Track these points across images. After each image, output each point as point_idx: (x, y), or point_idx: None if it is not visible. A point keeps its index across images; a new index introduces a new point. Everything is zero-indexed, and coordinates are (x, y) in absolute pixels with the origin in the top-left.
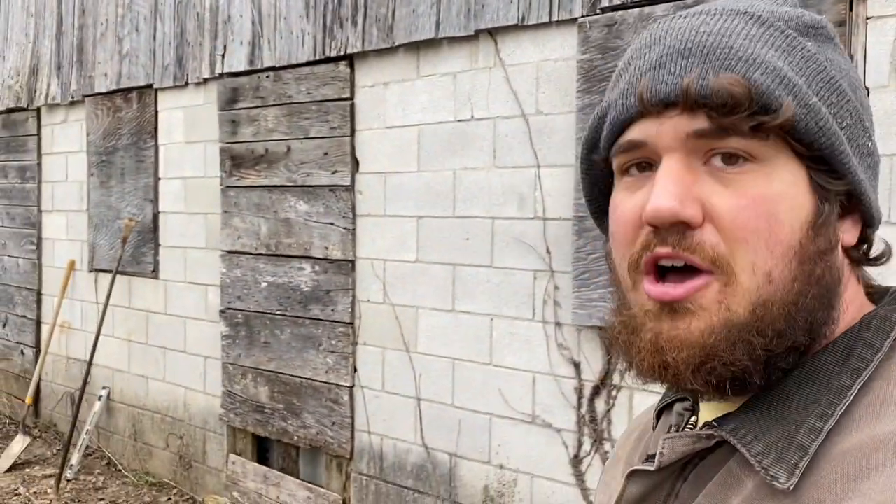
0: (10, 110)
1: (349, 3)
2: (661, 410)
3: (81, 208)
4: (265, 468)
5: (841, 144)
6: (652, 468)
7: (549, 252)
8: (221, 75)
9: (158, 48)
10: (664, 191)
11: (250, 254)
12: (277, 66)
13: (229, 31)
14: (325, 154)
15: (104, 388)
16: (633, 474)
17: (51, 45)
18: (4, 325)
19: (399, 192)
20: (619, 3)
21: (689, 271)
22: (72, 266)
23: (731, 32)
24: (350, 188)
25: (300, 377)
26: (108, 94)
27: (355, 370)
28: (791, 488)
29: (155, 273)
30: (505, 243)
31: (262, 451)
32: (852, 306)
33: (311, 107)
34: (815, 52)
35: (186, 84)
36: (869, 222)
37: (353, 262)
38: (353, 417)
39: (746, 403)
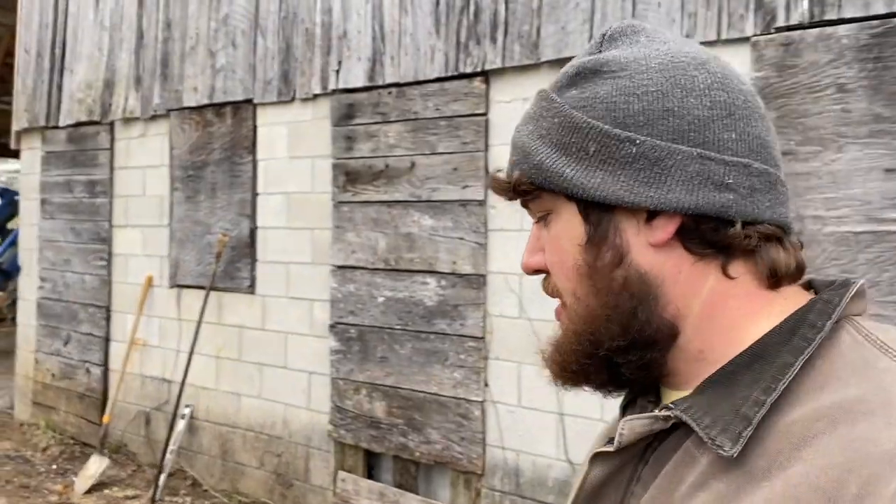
0: (79, 124)
1: (487, 20)
2: (627, 406)
3: (162, 223)
4: (381, 485)
5: (565, 181)
6: (612, 449)
7: None
8: (334, 91)
9: (259, 63)
10: (525, 251)
11: (366, 268)
12: (401, 82)
13: (345, 47)
14: (455, 169)
15: (187, 406)
16: (595, 457)
17: (129, 58)
18: (66, 343)
19: None
20: (795, 23)
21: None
22: (149, 282)
23: (519, 128)
24: (482, 203)
25: (423, 392)
26: (198, 108)
27: (486, 385)
28: (734, 455)
29: (251, 288)
30: None
31: (369, 468)
32: (732, 299)
33: (440, 122)
34: (564, 103)
35: (292, 99)
36: (683, 213)
37: (484, 276)
38: (484, 433)
39: (700, 387)
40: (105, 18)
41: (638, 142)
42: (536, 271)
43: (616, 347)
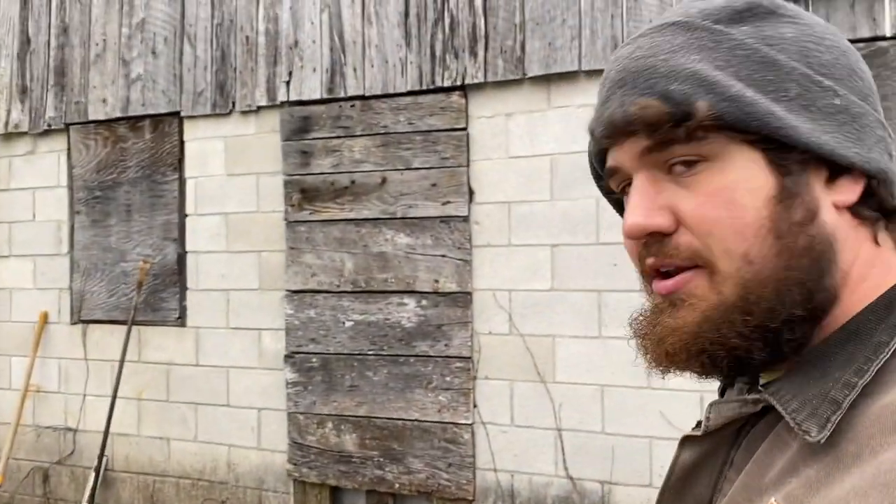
0: None
1: (465, 33)
2: (724, 390)
3: (59, 251)
4: None
5: (777, 120)
6: (699, 433)
7: None
8: (283, 103)
9: (187, 73)
10: (632, 209)
11: (330, 292)
12: (367, 94)
13: (296, 57)
14: (434, 185)
15: (101, 456)
16: (684, 441)
17: (10, 65)
18: None
19: (528, 221)
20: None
21: (677, 273)
22: (44, 318)
23: (655, 51)
24: (466, 219)
25: (403, 419)
26: (106, 122)
27: (475, 406)
28: (822, 441)
29: (181, 320)
30: None
31: None
32: (875, 269)
33: (415, 137)
34: (745, 37)
35: (230, 112)
36: (873, 175)
37: (469, 293)
38: (474, 456)
39: (793, 366)
40: None
41: (840, 93)
42: (651, 234)
43: (796, 317)
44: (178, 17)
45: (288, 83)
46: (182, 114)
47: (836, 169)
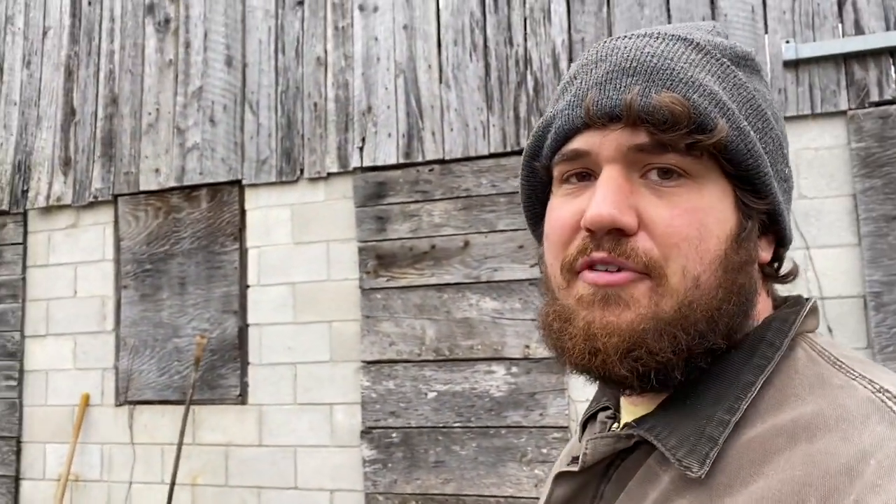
0: None
1: (550, 95)
2: (586, 422)
3: (103, 328)
4: None
5: (765, 167)
6: (576, 469)
7: (830, 330)
8: (356, 169)
9: (250, 140)
10: (604, 198)
11: (410, 361)
12: (447, 158)
13: (369, 123)
14: (520, 247)
15: None
16: (559, 477)
17: (52, 137)
18: None
19: None
20: (889, 98)
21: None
22: (86, 401)
23: (672, 55)
24: None
25: (495, 496)
26: (158, 192)
27: None
28: (703, 476)
29: (241, 397)
30: None
31: None
32: (761, 317)
33: (499, 199)
34: (745, 80)
35: (297, 180)
36: (782, 242)
37: None
38: None
39: (662, 404)
40: (13, 93)
41: (789, 165)
42: (618, 231)
43: (715, 346)
44: (239, 85)
45: (361, 149)
46: (244, 182)
47: (763, 227)
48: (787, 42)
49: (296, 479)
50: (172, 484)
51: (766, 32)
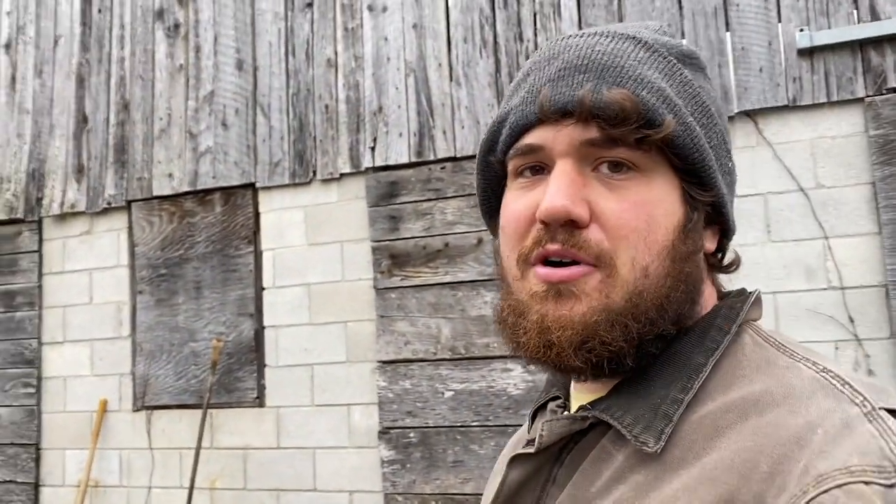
0: None
1: None
2: (535, 413)
3: (119, 335)
4: None
5: (710, 160)
6: (532, 450)
7: (851, 321)
8: (368, 169)
9: (262, 143)
10: (558, 191)
11: (426, 360)
12: (458, 156)
13: (381, 123)
14: None
15: None
16: (514, 459)
17: (65, 145)
18: None
19: None
20: None
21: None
22: (104, 407)
23: (621, 53)
24: None
25: None
26: (172, 197)
27: None
28: (659, 451)
29: (259, 400)
30: (793, 317)
31: None
32: (707, 305)
33: None
34: (691, 77)
35: (310, 181)
36: (726, 233)
37: None
38: None
39: (615, 388)
40: (26, 102)
41: (732, 159)
42: (570, 221)
43: (665, 333)
44: (250, 89)
45: (373, 149)
46: (257, 185)
47: (709, 219)
48: (802, 30)
49: (315, 481)
50: (191, 488)
51: (780, 21)
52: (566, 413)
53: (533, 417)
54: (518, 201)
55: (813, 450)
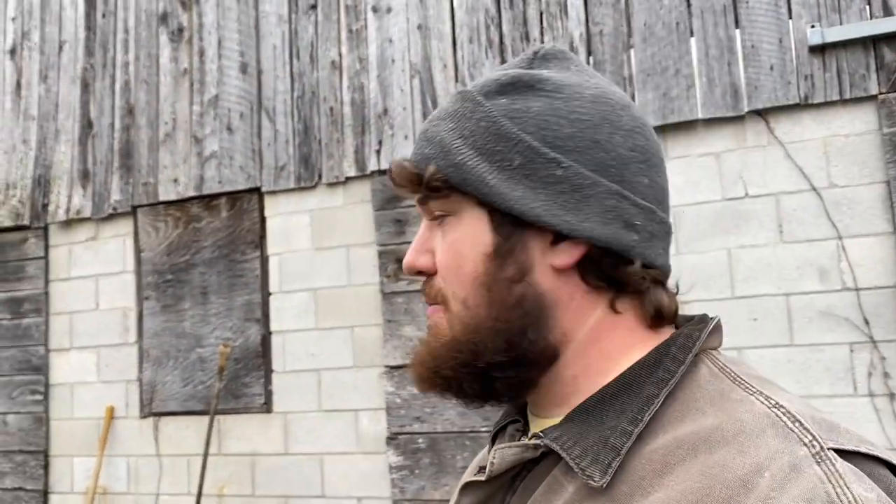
0: None
1: None
2: (496, 436)
3: (126, 341)
4: None
5: (486, 187)
6: (483, 478)
7: (867, 322)
8: (374, 173)
9: (267, 147)
10: (410, 249)
11: None
12: None
13: (386, 126)
14: None
15: None
16: (466, 487)
17: (70, 150)
18: None
19: None
20: None
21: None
22: (111, 413)
23: (438, 115)
24: None
25: None
26: (177, 202)
27: None
28: (605, 486)
29: (266, 406)
30: (807, 319)
31: None
32: (614, 332)
33: None
34: (494, 109)
35: (315, 185)
36: (593, 242)
37: None
38: None
39: (569, 415)
40: (31, 108)
41: (564, 165)
42: (420, 273)
43: (496, 362)
44: (255, 92)
45: (378, 152)
46: (263, 189)
47: (559, 235)
48: (813, 26)
49: (323, 488)
50: (199, 495)
51: (790, 17)
52: (519, 441)
53: (493, 440)
54: None
55: (759, 495)
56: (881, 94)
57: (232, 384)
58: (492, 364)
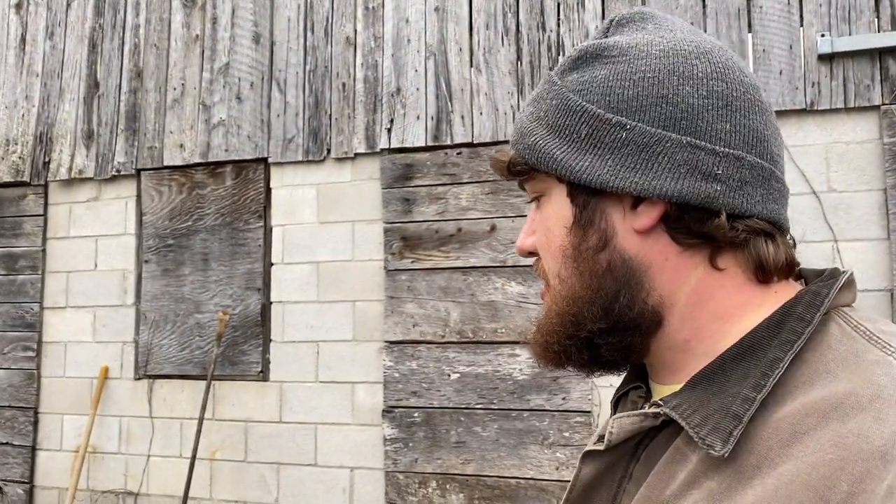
0: None
1: None
2: (618, 400)
3: (123, 302)
4: None
5: (555, 162)
6: (602, 447)
7: None
8: (384, 150)
9: (276, 118)
10: (520, 232)
11: (433, 343)
12: (475, 142)
13: (398, 104)
14: None
15: None
16: (586, 456)
17: (74, 109)
18: None
19: None
20: None
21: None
22: (105, 374)
23: (523, 109)
24: None
25: (516, 478)
26: (182, 168)
27: None
28: (725, 455)
29: (263, 374)
30: None
31: None
32: (724, 290)
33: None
34: (564, 86)
35: (324, 159)
36: (668, 200)
37: None
38: None
39: (690, 382)
40: (35, 64)
41: (628, 127)
42: (531, 254)
43: (597, 329)
44: (266, 63)
45: (389, 130)
46: (270, 160)
47: (637, 198)
48: (823, 35)
49: (316, 457)
50: (193, 458)
51: (802, 25)
52: (640, 408)
53: (616, 406)
54: None
55: None
56: (884, 104)
57: (229, 351)
58: (593, 332)
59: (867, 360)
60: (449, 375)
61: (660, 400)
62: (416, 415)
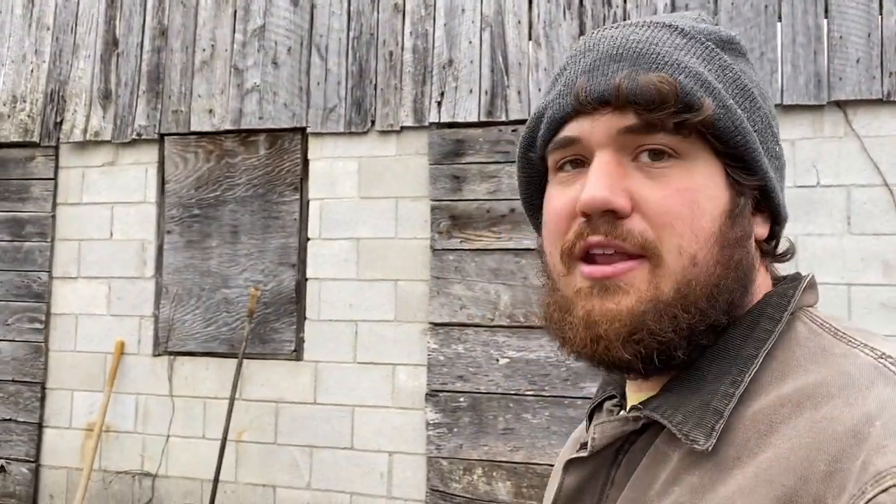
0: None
1: None
2: (592, 413)
3: (142, 274)
4: None
5: (754, 143)
6: (585, 454)
7: None
8: (432, 125)
9: (316, 86)
10: (598, 182)
11: (482, 326)
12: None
13: (450, 77)
14: None
15: None
16: (569, 464)
17: (90, 67)
18: None
19: None
20: None
21: (617, 259)
22: (121, 349)
23: (657, 41)
24: None
25: None
26: (210, 134)
27: None
28: (710, 448)
29: (297, 353)
30: (866, 310)
31: None
32: (760, 294)
33: None
34: (731, 62)
35: (367, 131)
36: (777, 220)
37: None
38: None
39: (666, 386)
40: (46, 17)
41: (779, 142)
42: (609, 212)
43: (717, 323)
44: (306, 27)
45: (439, 104)
46: (308, 130)
47: (757, 204)
48: None
49: (352, 440)
50: (224, 439)
51: (881, 13)
52: (618, 414)
53: (590, 417)
54: (559, 196)
55: (871, 445)
56: None
57: (260, 328)
58: (713, 325)
59: (835, 353)
60: (497, 360)
61: (639, 404)
62: (461, 399)
